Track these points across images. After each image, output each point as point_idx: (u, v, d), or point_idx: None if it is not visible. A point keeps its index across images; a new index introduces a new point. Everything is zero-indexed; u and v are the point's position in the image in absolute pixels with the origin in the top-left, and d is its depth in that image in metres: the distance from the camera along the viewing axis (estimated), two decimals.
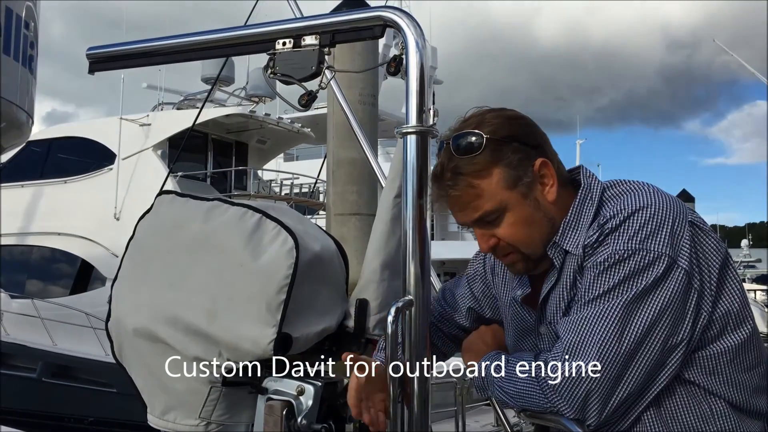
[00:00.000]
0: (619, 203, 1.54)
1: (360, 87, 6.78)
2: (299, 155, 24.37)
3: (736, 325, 1.51)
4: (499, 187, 1.57)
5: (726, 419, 1.50)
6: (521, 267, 1.66)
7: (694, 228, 1.50)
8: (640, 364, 1.45)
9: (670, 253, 1.45)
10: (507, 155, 1.57)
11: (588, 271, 1.52)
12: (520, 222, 1.59)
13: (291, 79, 1.71)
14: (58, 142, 15.48)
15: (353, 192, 6.72)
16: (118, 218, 13.32)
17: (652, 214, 1.48)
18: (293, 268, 1.60)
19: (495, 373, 1.62)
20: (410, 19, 1.60)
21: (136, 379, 1.77)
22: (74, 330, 12.10)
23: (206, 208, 1.72)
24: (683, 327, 1.46)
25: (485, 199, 1.57)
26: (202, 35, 1.84)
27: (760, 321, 28.01)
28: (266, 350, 1.58)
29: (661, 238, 1.46)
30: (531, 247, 1.61)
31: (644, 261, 1.45)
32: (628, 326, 1.44)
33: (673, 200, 1.54)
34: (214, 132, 15.73)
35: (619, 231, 1.49)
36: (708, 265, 1.50)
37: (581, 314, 1.49)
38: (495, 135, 1.57)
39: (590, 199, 1.60)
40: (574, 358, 1.46)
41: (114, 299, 1.80)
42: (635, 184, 1.60)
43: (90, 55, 1.93)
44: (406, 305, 1.55)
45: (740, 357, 1.52)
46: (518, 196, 1.58)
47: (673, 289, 1.45)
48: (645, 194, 1.54)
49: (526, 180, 1.59)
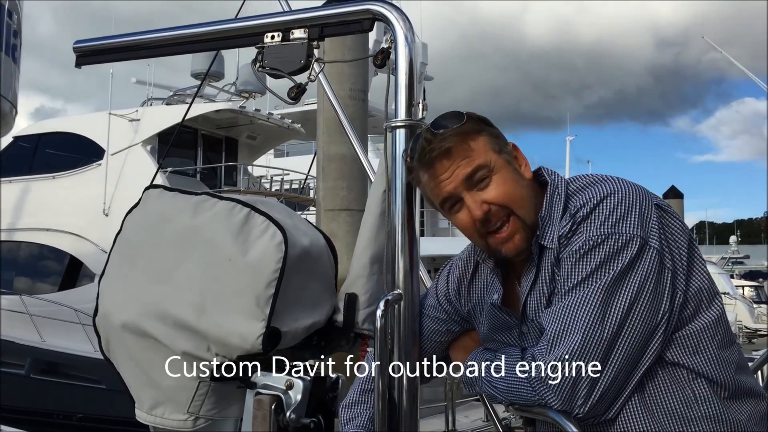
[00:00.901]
0: (587, 193, 1.58)
1: (350, 83, 6.78)
2: (289, 151, 24.33)
3: (709, 302, 1.56)
4: (487, 148, 1.62)
5: (709, 404, 1.52)
6: (520, 239, 1.62)
7: (660, 210, 1.56)
8: (624, 345, 1.47)
9: (641, 234, 1.50)
10: (486, 129, 1.64)
11: (565, 261, 1.55)
12: (509, 182, 1.61)
13: (280, 73, 1.70)
14: (47, 138, 15.39)
15: (343, 188, 6.73)
16: (107, 214, 13.26)
17: (620, 200, 1.53)
18: (282, 262, 1.59)
19: (483, 369, 1.62)
20: (399, 12, 1.60)
21: (124, 375, 1.76)
22: (63, 326, 12.04)
23: (194, 203, 1.71)
24: (662, 305, 1.50)
25: (475, 155, 1.60)
26: (189, 29, 1.83)
27: (747, 317, 28.22)
28: (255, 345, 1.58)
29: (631, 220, 1.51)
30: (524, 209, 1.61)
31: (617, 244, 1.49)
32: (608, 309, 1.47)
33: (637, 186, 1.60)
34: (204, 127, 15.67)
35: (590, 218, 1.53)
36: (677, 244, 1.55)
37: (562, 303, 1.52)
38: (472, 116, 1.63)
39: (558, 194, 1.63)
40: (559, 347, 1.48)
41: (101, 294, 1.79)
42: (598, 175, 1.65)
43: (77, 48, 1.92)
44: (395, 299, 1.55)
45: (719, 333, 1.56)
46: (503, 161, 1.63)
47: (648, 269, 1.49)
48: (610, 182, 1.59)
49: (507, 150, 1.65)
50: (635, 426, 1.51)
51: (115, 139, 14.19)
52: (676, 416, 1.51)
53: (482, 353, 1.68)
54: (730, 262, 42.61)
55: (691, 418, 1.51)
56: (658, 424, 1.51)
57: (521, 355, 1.55)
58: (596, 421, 1.51)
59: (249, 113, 15.80)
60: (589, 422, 1.50)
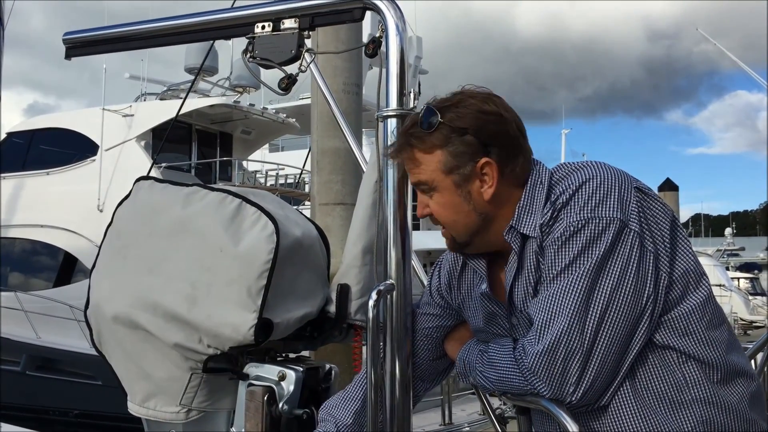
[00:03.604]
0: (567, 180, 1.59)
1: (344, 76, 6.76)
2: (284, 146, 24.27)
3: (697, 283, 1.56)
4: (436, 168, 1.62)
5: (700, 387, 1.51)
6: (449, 244, 1.70)
7: (640, 193, 1.55)
8: (610, 330, 1.47)
9: (621, 216, 1.50)
10: (454, 144, 1.61)
11: (548, 249, 1.55)
12: (446, 205, 1.64)
13: (270, 63, 1.69)
14: (40, 134, 15.33)
15: (337, 181, 6.72)
16: (101, 210, 13.22)
17: (599, 184, 1.53)
18: (273, 253, 1.59)
19: (477, 359, 1.62)
20: (390, 1, 1.59)
21: (115, 367, 1.75)
22: (58, 322, 12.02)
23: (185, 194, 1.70)
24: (646, 288, 1.49)
25: (423, 170, 1.62)
26: (180, 19, 1.82)
27: (743, 309, 28.33)
28: (247, 336, 1.57)
29: (610, 204, 1.51)
30: (454, 230, 1.66)
31: (598, 228, 1.49)
32: (592, 295, 1.48)
33: (618, 170, 1.60)
34: (198, 122, 15.63)
35: (570, 204, 1.53)
36: (658, 227, 1.55)
37: (548, 292, 1.52)
38: (452, 123, 1.60)
39: (540, 183, 1.63)
40: (546, 335, 1.48)
41: (93, 286, 1.78)
42: (579, 162, 1.65)
43: (66, 40, 1.91)
44: (387, 289, 1.55)
45: (708, 314, 1.55)
46: (450, 182, 1.62)
47: (629, 252, 1.49)
48: (589, 168, 1.58)
49: (464, 172, 1.62)
50: (626, 411, 1.51)
51: (109, 134, 14.14)
52: (666, 400, 1.51)
53: (475, 344, 1.68)
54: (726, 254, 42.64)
55: (683, 401, 1.51)
56: (649, 409, 1.51)
57: (512, 345, 1.55)
58: (588, 409, 1.51)
59: (243, 108, 15.76)
60: (581, 409, 1.49)
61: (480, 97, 1.65)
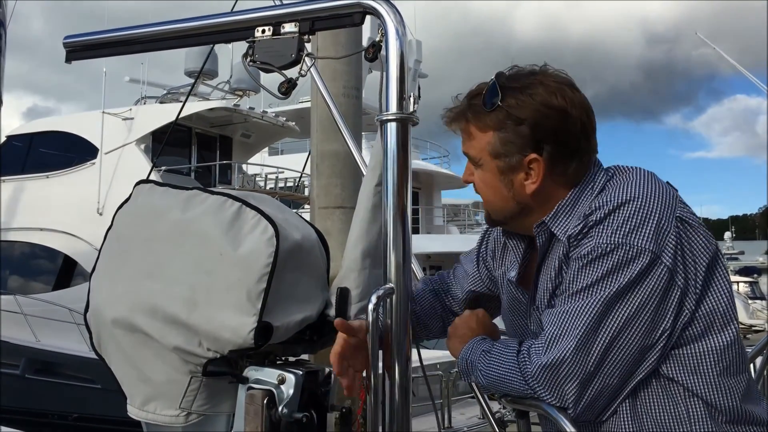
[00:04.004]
0: (607, 195, 1.53)
1: (344, 80, 6.76)
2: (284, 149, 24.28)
3: (722, 326, 1.50)
4: (484, 148, 1.63)
5: (702, 424, 1.48)
6: (485, 217, 1.77)
7: (682, 224, 1.49)
8: (615, 357, 1.46)
9: (654, 248, 1.44)
10: (507, 131, 1.59)
11: (573, 262, 1.52)
12: (487, 183, 1.67)
13: (270, 67, 1.69)
14: (40, 137, 15.34)
15: (337, 185, 6.71)
16: (101, 213, 13.22)
17: (637, 208, 1.47)
18: (273, 256, 1.59)
19: (480, 359, 1.63)
20: (390, 5, 1.59)
21: (115, 371, 1.75)
22: (57, 326, 12.01)
23: (185, 197, 1.70)
24: (663, 323, 1.46)
25: (473, 145, 1.66)
26: (180, 23, 1.82)
27: (742, 312, 28.30)
28: (246, 339, 1.57)
29: (646, 233, 1.45)
30: (491, 209, 1.71)
31: (627, 256, 1.44)
32: (605, 321, 1.45)
33: (663, 193, 1.52)
34: (198, 126, 15.64)
35: (603, 224, 1.48)
36: (694, 262, 1.48)
37: (563, 308, 1.50)
38: (510, 109, 1.58)
39: (591, 188, 1.59)
40: (553, 350, 1.47)
41: (92, 290, 1.78)
42: (631, 174, 1.58)
43: (67, 44, 1.91)
44: (386, 293, 1.55)
45: (726, 360, 1.49)
46: (495, 166, 1.63)
47: (654, 286, 1.44)
48: (634, 186, 1.52)
49: (509, 161, 1.61)
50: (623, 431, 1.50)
51: (108, 137, 14.15)
52: (665, 429, 1.49)
53: (479, 343, 1.68)
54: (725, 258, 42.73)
55: None
56: None
57: (517, 347, 1.56)
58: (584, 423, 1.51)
59: (243, 111, 15.78)
60: (579, 423, 1.49)
61: (552, 88, 1.58)
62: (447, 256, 22.64)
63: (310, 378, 1.62)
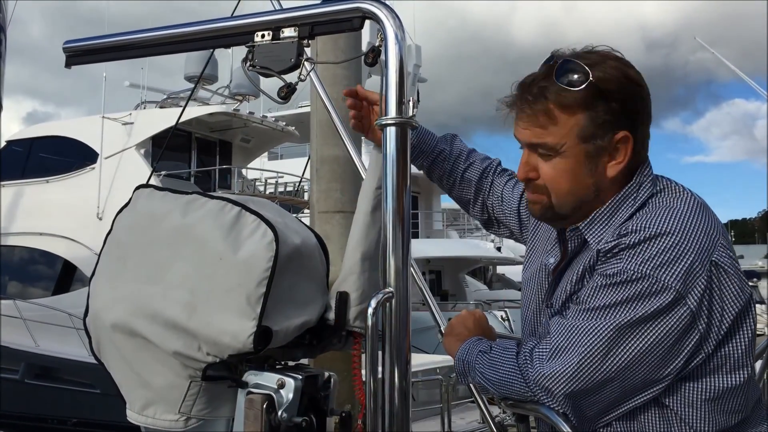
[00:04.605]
0: (647, 218, 1.48)
1: (344, 85, 6.76)
2: (283, 154, 24.34)
3: (732, 369, 1.48)
4: (572, 132, 1.52)
5: None
6: (537, 210, 1.63)
7: (717, 269, 1.44)
8: (619, 383, 1.45)
9: (680, 288, 1.40)
10: (598, 109, 1.50)
11: (596, 278, 1.50)
12: (567, 173, 1.55)
13: (270, 72, 1.70)
14: (40, 142, 15.37)
15: (337, 190, 6.72)
16: (100, 218, 13.24)
17: (674, 243, 1.42)
18: (273, 260, 1.59)
19: (477, 359, 1.63)
20: (389, 10, 1.60)
21: (114, 375, 1.75)
22: (57, 331, 12.01)
23: (185, 202, 1.70)
24: (673, 364, 1.44)
25: (552, 132, 1.53)
26: (180, 28, 1.83)
27: None
28: (246, 344, 1.57)
29: (676, 271, 1.41)
30: (560, 200, 1.58)
31: (651, 289, 1.41)
32: (614, 349, 1.43)
33: (705, 232, 1.46)
34: (198, 131, 15.67)
35: (636, 249, 1.44)
36: (722, 309, 1.44)
37: (575, 322, 1.48)
38: (601, 84, 1.49)
39: (633, 199, 1.55)
40: (557, 361, 1.47)
41: (92, 294, 1.78)
42: (678, 199, 1.52)
43: (67, 48, 1.91)
44: (386, 297, 1.55)
45: (726, 400, 1.48)
46: (581, 151, 1.53)
47: (672, 326, 1.41)
48: (677, 217, 1.46)
49: (600, 143, 1.52)
50: None
51: (108, 142, 14.19)
52: None
53: (476, 343, 1.68)
54: None
55: None
56: None
57: (516, 350, 1.56)
58: None
59: (243, 116, 15.81)
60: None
61: (622, 61, 1.52)
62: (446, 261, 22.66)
63: (309, 382, 1.62)
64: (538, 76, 1.55)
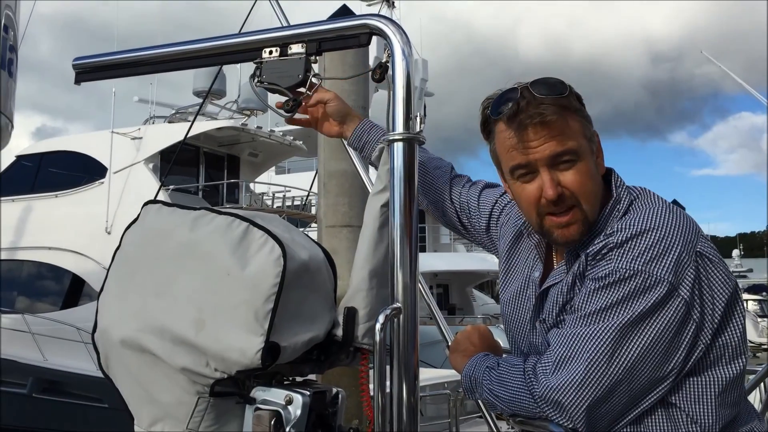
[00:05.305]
0: (630, 219, 1.52)
1: (351, 99, 6.80)
2: (291, 168, 24.40)
3: (731, 359, 1.50)
4: (579, 132, 1.58)
5: None
6: (575, 230, 1.59)
7: (702, 259, 1.48)
8: (626, 387, 1.45)
9: (672, 279, 1.43)
10: (582, 111, 1.60)
11: (589, 283, 1.51)
12: (587, 174, 1.57)
13: (278, 87, 1.71)
14: (49, 157, 15.45)
15: (344, 204, 6.74)
16: (109, 232, 13.28)
17: (660, 238, 1.46)
18: (281, 276, 1.59)
19: (484, 375, 1.62)
20: (396, 26, 1.60)
21: (122, 391, 1.75)
22: (65, 345, 12.03)
23: (193, 217, 1.71)
24: (676, 356, 1.45)
25: (570, 136, 1.56)
26: (189, 44, 1.84)
27: (751, 330, 28.12)
28: (254, 360, 1.57)
29: (666, 263, 1.44)
30: (590, 205, 1.58)
31: (645, 284, 1.43)
32: (618, 350, 1.43)
33: (685, 226, 1.50)
34: (206, 145, 15.74)
35: (623, 248, 1.47)
36: (712, 297, 1.47)
37: (575, 330, 1.48)
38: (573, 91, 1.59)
39: (618, 209, 1.59)
40: (562, 372, 1.47)
41: (100, 310, 1.78)
42: (655, 200, 1.58)
43: (76, 65, 1.93)
44: (394, 313, 1.55)
45: (728, 391, 1.50)
46: (588, 149, 1.59)
47: (670, 318, 1.43)
48: (657, 215, 1.51)
49: (594, 138, 1.62)
50: None
51: (117, 157, 14.25)
52: None
53: (482, 359, 1.67)
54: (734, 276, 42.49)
55: None
56: None
57: (522, 366, 1.55)
58: None
59: (251, 130, 15.87)
60: None
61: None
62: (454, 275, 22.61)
63: (317, 398, 1.61)
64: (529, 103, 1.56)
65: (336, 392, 1.70)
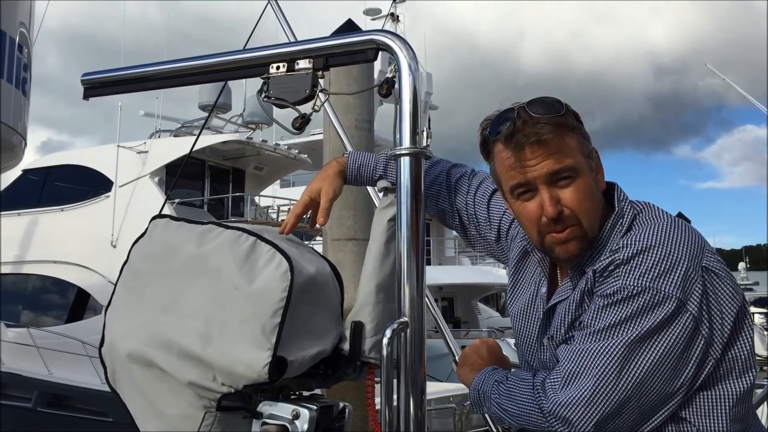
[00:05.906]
0: (636, 234, 1.52)
1: (356, 113, 6.82)
2: (296, 181, 24.42)
3: (741, 373, 1.50)
4: (577, 149, 1.58)
5: None
6: (575, 246, 1.59)
7: (708, 274, 1.48)
8: (636, 404, 1.45)
9: (680, 295, 1.43)
10: (580, 128, 1.61)
11: (597, 299, 1.51)
12: (586, 191, 1.58)
13: (285, 103, 1.72)
14: (55, 170, 15.51)
15: (349, 217, 6.73)
16: (115, 246, 13.30)
17: (667, 254, 1.46)
18: (288, 290, 1.59)
19: (493, 389, 1.62)
20: (402, 42, 1.61)
21: (129, 405, 1.75)
22: (70, 359, 12.02)
23: (200, 232, 1.71)
24: (685, 372, 1.45)
25: (568, 153, 1.56)
26: (196, 60, 1.85)
27: (758, 344, 27.96)
28: (261, 374, 1.57)
29: (673, 279, 1.44)
30: (590, 222, 1.58)
31: (653, 300, 1.43)
32: (627, 366, 1.43)
33: (691, 240, 1.51)
34: (211, 159, 15.78)
35: (630, 264, 1.47)
36: (720, 312, 1.47)
37: (584, 346, 1.48)
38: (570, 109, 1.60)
39: (621, 223, 1.59)
40: (571, 388, 1.46)
41: (107, 324, 1.79)
42: (660, 214, 1.58)
43: (84, 81, 1.94)
44: (401, 327, 1.55)
45: (738, 406, 1.50)
46: (587, 166, 1.59)
47: (679, 334, 1.43)
48: (663, 230, 1.51)
49: (592, 155, 1.62)
50: None
51: (123, 170, 14.30)
52: None
53: (491, 373, 1.67)
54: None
55: None
56: None
57: (531, 380, 1.55)
58: None
59: (256, 144, 15.92)
60: None
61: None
62: (458, 288, 22.57)
63: (324, 413, 1.61)
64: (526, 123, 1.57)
65: (343, 406, 1.70)
